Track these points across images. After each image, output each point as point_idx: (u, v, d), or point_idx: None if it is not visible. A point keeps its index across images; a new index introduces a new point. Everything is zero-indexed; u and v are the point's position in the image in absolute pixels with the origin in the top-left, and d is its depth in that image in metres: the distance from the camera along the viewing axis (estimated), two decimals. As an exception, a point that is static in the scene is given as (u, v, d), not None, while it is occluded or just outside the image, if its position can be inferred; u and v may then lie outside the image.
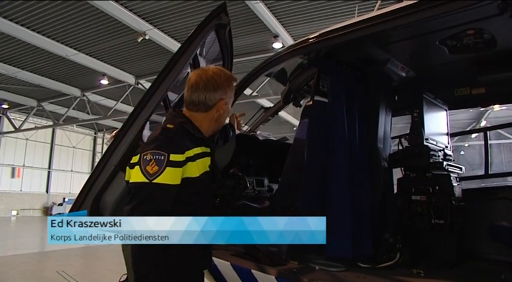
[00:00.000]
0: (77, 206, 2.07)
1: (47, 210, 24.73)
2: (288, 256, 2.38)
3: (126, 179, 1.62)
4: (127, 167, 1.60)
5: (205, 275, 1.83)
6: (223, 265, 2.53)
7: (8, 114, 21.66)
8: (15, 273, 6.87)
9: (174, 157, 1.47)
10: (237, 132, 2.36)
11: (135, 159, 1.51)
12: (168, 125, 1.59)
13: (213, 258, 2.56)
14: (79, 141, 27.27)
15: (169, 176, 1.45)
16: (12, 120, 21.61)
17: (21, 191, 23.90)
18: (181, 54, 2.13)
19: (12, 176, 23.40)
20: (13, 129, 21.63)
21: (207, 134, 1.70)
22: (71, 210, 2.09)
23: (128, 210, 1.43)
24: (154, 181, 1.42)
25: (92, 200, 2.05)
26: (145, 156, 1.46)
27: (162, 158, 1.44)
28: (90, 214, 2.07)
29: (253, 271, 2.30)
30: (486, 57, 2.62)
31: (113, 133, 2.17)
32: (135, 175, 1.47)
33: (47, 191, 25.39)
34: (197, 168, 1.58)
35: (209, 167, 1.67)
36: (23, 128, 21.30)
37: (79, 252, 9.90)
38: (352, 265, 2.37)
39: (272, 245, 2.56)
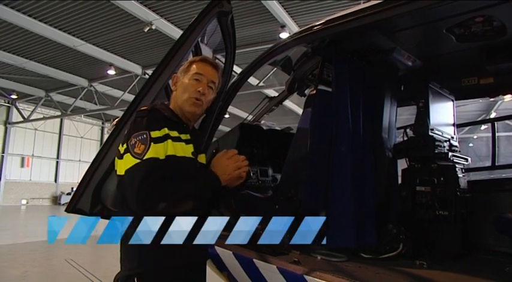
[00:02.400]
0: (78, 194, 2.07)
1: (55, 200, 25.11)
2: (290, 246, 2.37)
3: (118, 172, 1.57)
4: (116, 158, 1.59)
5: (207, 264, 1.84)
6: (225, 254, 2.53)
7: (17, 104, 21.90)
8: (26, 261, 7.00)
9: (154, 134, 1.51)
10: None
11: (122, 149, 1.53)
12: (141, 108, 1.66)
13: (216, 247, 2.59)
14: (87, 131, 27.50)
15: (156, 151, 1.48)
16: (21, 111, 21.88)
17: (30, 180, 24.26)
18: (183, 42, 2.11)
19: (22, 165, 23.74)
20: (22, 120, 21.90)
21: (183, 117, 1.71)
22: (72, 199, 2.10)
23: (135, 191, 1.43)
24: (145, 158, 1.46)
25: (93, 189, 2.06)
26: (130, 143, 1.49)
27: (145, 136, 1.49)
28: (92, 203, 2.07)
29: (255, 260, 2.30)
30: (495, 46, 2.56)
31: (114, 122, 2.16)
32: (128, 161, 1.47)
33: (55, 181, 25.75)
34: (181, 149, 1.60)
35: (192, 154, 1.67)
36: (31, 118, 21.57)
37: (87, 241, 10.03)
38: (355, 255, 2.36)
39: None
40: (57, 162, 25.93)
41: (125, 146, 1.52)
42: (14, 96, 20.15)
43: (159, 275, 1.52)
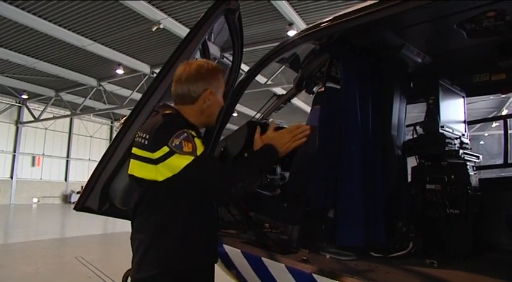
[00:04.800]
0: (87, 193, 2.08)
1: (66, 198, 25.40)
2: (299, 244, 2.36)
3: (136, 175, 1.57)
4: (137, 162, 1.57)
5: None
6: (234, 252, 2.53)
7: (28, 104, 22.17)
8: (37, 258, 7.11)
9: (190, 132, 1.53)
10: None
11: (159, 153, 1.47)
12: (166, 111, 1.63)
13: (224, 245, 2.59)
14: (96, 131, 27.75)
15: (200, 145, 1.53)
16: (32, 110, 22.16)
17: (41, 179, 24.57)
18: (190, 40, 2.11)
19: (33, 164, 24.04)
20: (32, 119, 22.18)
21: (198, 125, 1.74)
22: (80, 197, 2.11)
23: (216, 183, 1.52)
24: (198, 153, 1.49)
25: (101, 187, 2.06)
26: (173, 144, 1.46)
27: (186, 135, 1.50)
28: (100, 201, 2.08)
29: (263, 259, 2.29)
30: (507, 41, 2.51)
31: (122, 120, 2.17)
32: (179, 163, 1.47)
33: (65, 179, 26.04)
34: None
35: None
36: (42, 117, 21.83)
37: (97, 239, 10.16)
38: (364, 254, 2.34)
39: (283, 233, 2.55)
40: (67, 161, 26.21)
41: (163, 149, 1.47)
42: (24, 96, 20.42)
43: (175, 277, 1.54)
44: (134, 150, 1.58)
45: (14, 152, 22.90)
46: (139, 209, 1.60)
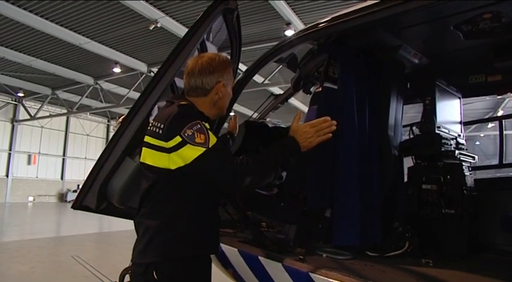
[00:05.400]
0: (84, 191, 2.08)
1: (62, 197, 25.30)
2: (296, 243, 2.37)
3: (147, 162, 1.60)
4: (149, 150, 1.59)
5: (212, 261, 1.84)
6: (230, 251, 2.54)
7: (24, 102, 22.06)
8: (33, 257, 7.08)
9: (204, 124, 1.54)
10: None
11: (172, 143, 1.50)
12: (182, 103, 1.64)
13: (221, 244, 2.59)
14: (92, 129, 27.65)
15: (213, 136, 1.54)
16: (28, 108, 22.04)
17: (37, 177, 24.45)
18: (188, 39, 2.11)
19: (29, 163, 23.92)
20: (29, 117, 22.06)
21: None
22: (78, 196, 2.11)
23: (229, 175, 1.51)
24: (210, 146, 1.50)
25: (99, 186, 2.06)
26: (186, 134, 1.49)
27: (199, 126, 1.51)
28: (98, 200, 2.08)
29: (260, 258, 2.30)
30: (503, 43, 2.53)
31: (120, 119, 2.16)
32: (191, 153, 1.49)
33: (61, 178, 25.93)
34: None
35: None
36: (38, 116, 21.73)
37: (93, 238, 10.13)
38: (360, 253, 2.36)
39: (280, 232, 2.56)
40: (63, 159, 26.10)
41: (176, 139, 1.49)
42: (20, 94, 20.32)
43: (178, 264, 1.56)
44: (147, 138, 1.60)
45: (10, 150, 22.77)
46: (149, 196, 1.62)
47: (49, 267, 6.43)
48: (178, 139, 1.49)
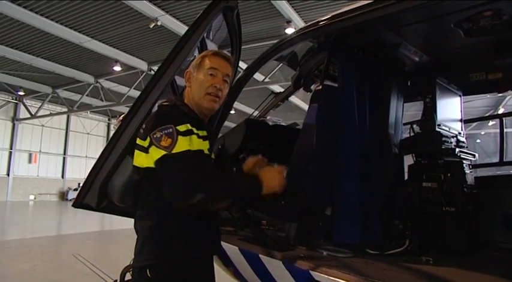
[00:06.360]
0: (85, 190, 2.09)
1: (63, 195, 25.32)
2: (296, 241, 2.38)
3: (134, 164, 1.65)
4: (136, 151, 1.63)
5: (214, 259, 1.85)
6: (231, 250, 2.54)
7: (24, 101, 22.07)
8: (34, 255, 7.09)
9: (180, 127, 1.52)
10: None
11: (146, 142, 1.55)
12: (163, 103, 1.68)
13: (222, 242, 2.59)
14: (93, 128, 27.64)
15: (184, 143, 1.49)
16: (28, 107, 22.04)
17: (38, 176, 24.47)
18: (188, 38, 2.11)
19: (29, 161, 23.93)
20: (29, 116, 22.07)
21: (200, 113, 1.72)
22: (78, 194, 2.12)
23: (175, 184, 1.45)
24: (172, 151, 1.47)
25: (100, 184, 2.07)
26: (154, 136, 1.51)
27: (170, 130, 1.50)
28: (98, 198, 2.09)
29: (261, 256, 2.30)
30: (504, 40, 2.52)
31: (120, 117, 2.17)
32: (154, 155, 1.51)
33: (62, 176, 25.95)
34: (200, 145, 1.59)
35: (208, 150, 1.67)
36: (38, 114, 21.73)
37: (94, 236, 10.14)
38: (361, 251, 2.36)
39: (280, 230, 2.56)
40: (64, 158, 26.11)
41: (148, 139, 1.54)
42: (21, 93, 20.31)
43: (172, 266, 1.55)
44: (137, 140, 1.65)
45: (11, 148, 22.79)
46: (138, 198, 1.65)
47: (50, 265, 6.44)
48: (149, 139, 1.53)
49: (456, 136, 3.00)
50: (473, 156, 2.99)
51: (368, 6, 2.08)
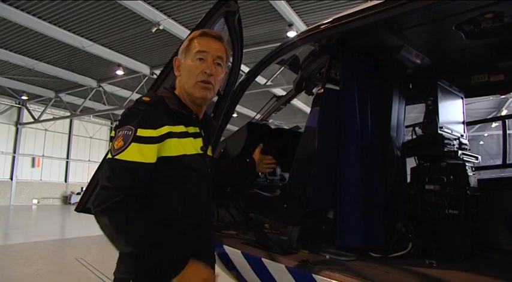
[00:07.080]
0: (88, 194, 2.09)
1: (66, 199, 25.38)
2: (299, 245, 2.38)
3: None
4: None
5: (216, 262, 1.84)
6: (234, 253, 2.54)
7: (28, 105, 22.18)
8: (37, 259, 7.11)
9: (142, 132, 1.34)
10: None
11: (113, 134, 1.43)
12: (143, 98, 1.46)
13: (224, 246, 2.60)
14: (96, 132, 27.74)
15: (134, 153, 1.32)
16: (32, 111, 22.16)
17: (41, 180, 24.56)
18: (190, 42, 2.11)
19: (33, 165, 24.03)
20: (32, 120, 22.18)
21: (192, 104, 1.56)
22: (81, 198, 2.12)
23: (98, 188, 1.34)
24: (116, 157, 1.32)
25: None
26: (118, 131, 1.37)
27: (130, 133, 1.33)
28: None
29: (263, 260, 2.30)
30: (506, 42, 2.52)
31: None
32: (109, 153, 1.39)
33: (65, 181, 26.03)
34: (181, 148, 1.44)
35: (201, 149, 1.54)
36: (41, 118, 21.83)
37: (97, 240, 10.13)
38: (363, 255, 2.35)
39: (283, 234, 2.56)
40: (67, 162, 26.20)
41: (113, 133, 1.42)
42: (24, 98, 20.41)
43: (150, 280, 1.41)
44: None
45: (14, 153, 22.90)
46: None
47: (53, 269, 6.45)
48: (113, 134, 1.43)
49: (459, 138, 2.99)
50: (476, 158, 2.98)
51: (370, 9, 2.09)
